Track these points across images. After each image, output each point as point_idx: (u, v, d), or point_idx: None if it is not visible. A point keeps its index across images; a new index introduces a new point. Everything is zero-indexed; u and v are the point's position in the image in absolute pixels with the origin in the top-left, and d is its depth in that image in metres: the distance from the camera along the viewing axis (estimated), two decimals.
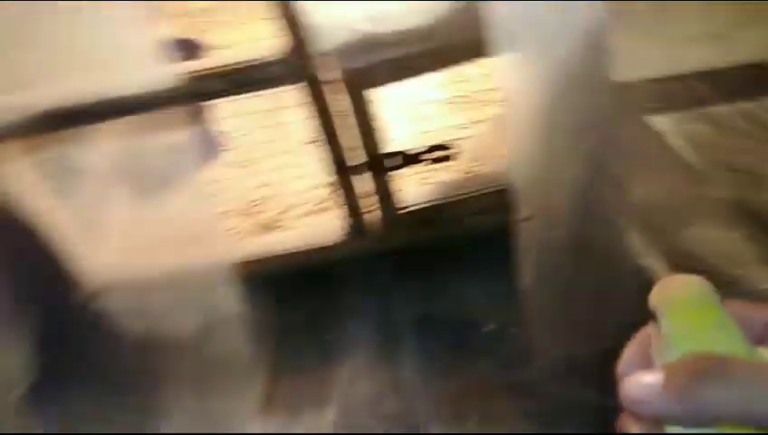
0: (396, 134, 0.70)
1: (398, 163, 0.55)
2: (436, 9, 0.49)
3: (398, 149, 0.56)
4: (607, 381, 0.23)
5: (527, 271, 0.48)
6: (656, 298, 0.22)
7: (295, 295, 0.70)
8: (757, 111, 0.78)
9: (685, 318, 0.21)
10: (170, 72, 0.48)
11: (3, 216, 0.53)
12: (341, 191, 0.58)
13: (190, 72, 0.49)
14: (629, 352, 0.22)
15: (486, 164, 0.67)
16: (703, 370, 0.19)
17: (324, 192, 0.70)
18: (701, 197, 0.66)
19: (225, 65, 0.50)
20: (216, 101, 0.56)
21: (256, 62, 0.48)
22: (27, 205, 0.56)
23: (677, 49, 0.97)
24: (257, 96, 0.58)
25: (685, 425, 0.20)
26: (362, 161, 0.55)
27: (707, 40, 0.95)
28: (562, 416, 0.55)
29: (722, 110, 0.82)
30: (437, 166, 0.62)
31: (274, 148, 0.78)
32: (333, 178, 0.57)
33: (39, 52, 0.49)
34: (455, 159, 0.62)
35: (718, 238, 0.65)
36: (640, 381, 0.20)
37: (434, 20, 0.48)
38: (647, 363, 0.21)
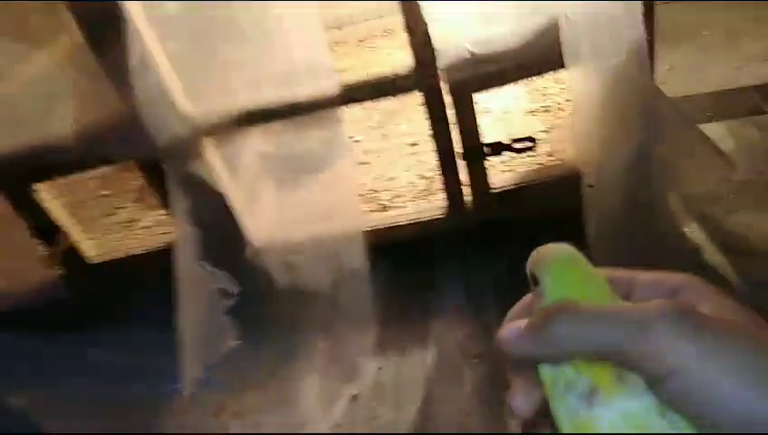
0: (488, 131, 0.86)
1: (490, 152, 0.72)
2: (523, 32, 0.65)
3: (491, 141, 0.73)
4: None
5: (591, 229, 0.64)
6: (532, 263, 0.23)
7: (404, 260, 0.87)
8: None
9: (556, 276, 0.23)
10: (327, 86, 0.67)
11: (202, 189, 0.74)
12: (446, 176, 0.75)
13: (341, 85, 0.68)
14: (513, 312, 0.23)
15: (561, 156, 0.82)
16: (556, 310, 0.21)
17: (427, 181, 0.88)
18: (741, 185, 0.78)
19: (364, 80, 0.69)
20: (350, 106, 0.75)
21: (388, 77, 0.67)
22: (216, 183, 0.77)
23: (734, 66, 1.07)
24: (382, 102, 0.76)
25: (545, 362, 0.21)
26: (462, 151, 0.72)
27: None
28: None
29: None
30: (522, 156, 0.78)
31: (391, 145, 0.97)
32: (439, 165, 0.74)
33: (236, 69, 0.69)
34: (535, 151, 0.78)
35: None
36: (510, 327, 0.22)
37: (520, 40, 0.65)
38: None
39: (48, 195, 0.77)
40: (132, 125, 0.66)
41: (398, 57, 0.95)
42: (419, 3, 0.62)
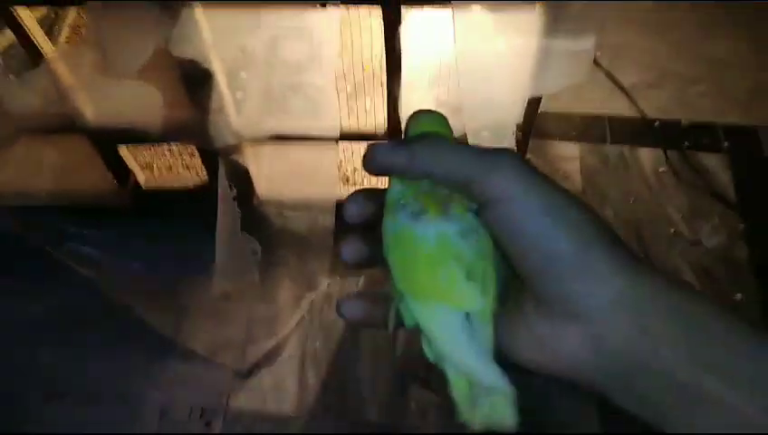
0: None
1: None
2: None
3: None
4: None
5: None
6: (407, 121, 0.30)
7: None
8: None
9: (422, 127, 0.28)
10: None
11: (235, 167, 1.12)
12: None
13: None
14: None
15: None
16: (424, 136, 0.26)
17: None
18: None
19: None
20: None
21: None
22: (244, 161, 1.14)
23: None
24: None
25: (402, 174, 0.26)
26: None
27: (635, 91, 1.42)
28: None
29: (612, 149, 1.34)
30: None
31: None
32: None
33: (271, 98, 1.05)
34: None
35: None
36: (381, 143, 0.26)
37: None
38: None
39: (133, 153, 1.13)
40: (200, 126, 1.02)
41: None
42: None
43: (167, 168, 1.28)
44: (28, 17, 0.87)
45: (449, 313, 0.25)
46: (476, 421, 0.25)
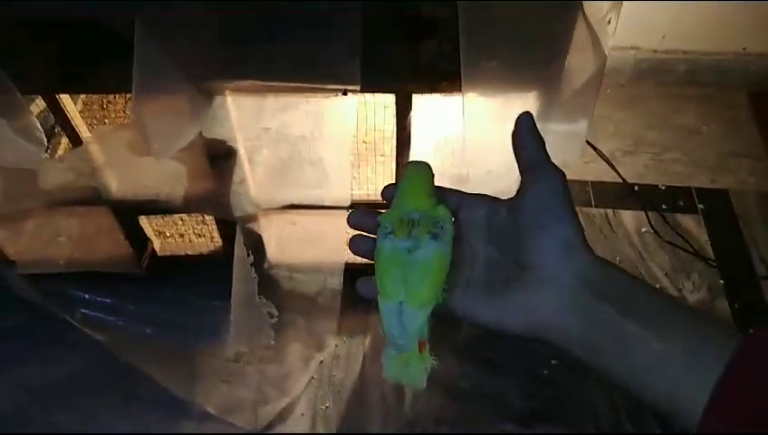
0: None
1: None
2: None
3: None
4: None
5: None
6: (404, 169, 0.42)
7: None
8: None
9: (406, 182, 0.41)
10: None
11: (251, 235, 1.19)
12: None
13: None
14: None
15: None
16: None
17: None
18: None
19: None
20: None
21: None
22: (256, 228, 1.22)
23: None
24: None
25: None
26: None
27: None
28: None
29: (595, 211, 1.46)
30: None
31: None
32: None
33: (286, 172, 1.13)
34: None
35: None
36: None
37: None
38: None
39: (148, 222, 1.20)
40: (221, 197, 1.10)
41: None
42: None
43: (179, 235, 1.35)
44: (69, 104, 0.95)
45: (386, 302, 0.38)
46: (392, 375, 0.38)
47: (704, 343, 0.31)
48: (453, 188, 0.42)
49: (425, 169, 0.42)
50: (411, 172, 0.42)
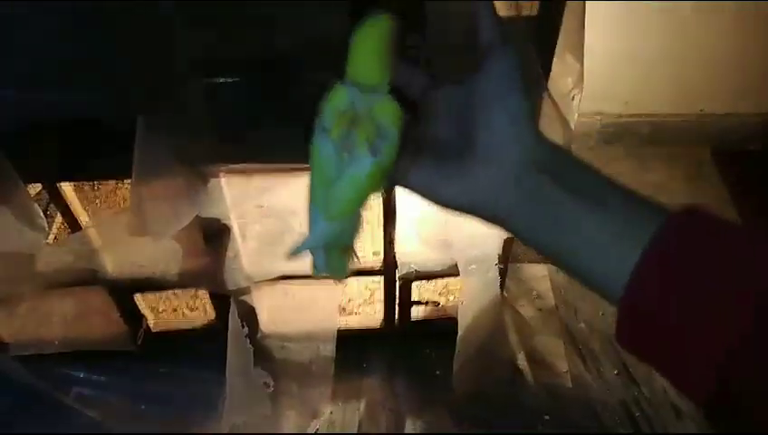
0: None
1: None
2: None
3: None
4: None
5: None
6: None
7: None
8: None
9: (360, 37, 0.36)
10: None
11: (244, 306, 1.22)
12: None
13: None
14: None
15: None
16: None
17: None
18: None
19: None
20: None
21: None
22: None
23: None
24: None
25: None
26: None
27: None
28: None
29: None
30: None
31: None
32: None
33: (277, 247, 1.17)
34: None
35: None
36: None
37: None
38: None
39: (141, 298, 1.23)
40: (215, 272, 1.13)
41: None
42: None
43: (173, 310, 1.37)
44: (68, 190, 0.99)
45: (310, 203, 0.38)
46: (318, 270, 0.38)
47: (636, 221, 0.32)
48: (411, 65, 0.41)
49: (382, 26, 0.36)
50: (366, 31, 0.36)
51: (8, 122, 0.78)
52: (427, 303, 1.26)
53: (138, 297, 1.24)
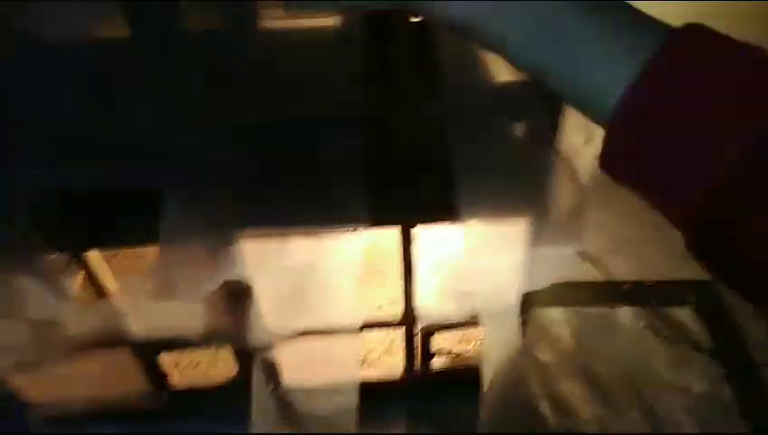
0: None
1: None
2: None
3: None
4: None
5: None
6: None
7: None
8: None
9: None
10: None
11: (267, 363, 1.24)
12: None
13: None
14: None
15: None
16: None
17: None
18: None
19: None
20: None
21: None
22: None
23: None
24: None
25: None
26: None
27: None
28: None
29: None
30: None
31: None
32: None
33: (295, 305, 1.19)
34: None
35: None
36: None
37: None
38: None
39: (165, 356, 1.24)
40: (238, 330, 1.15)
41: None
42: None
43: (194, 367, 1.38)
44: (96, 258, 1.02)
45: None
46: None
47: (638, 37, 0.29)
48: None
49: None
50: None
51: (38, 196, 0.81)
52: (447, 353, 1.27)
53: (162, 356, 1.25)
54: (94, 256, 1.01)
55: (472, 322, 1.17)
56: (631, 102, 0.28)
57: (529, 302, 1.15)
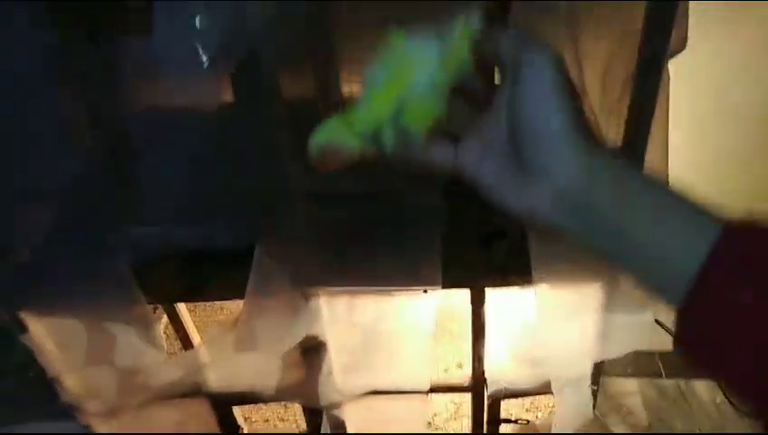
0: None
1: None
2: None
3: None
4: None
5: None
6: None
7: None
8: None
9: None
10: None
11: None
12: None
13: None
14: None
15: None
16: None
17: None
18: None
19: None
20: None
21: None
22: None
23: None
24: None
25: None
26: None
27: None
28: None
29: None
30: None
31: None
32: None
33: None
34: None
35: None
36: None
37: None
38: None
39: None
40: (310, 387, 1.18)
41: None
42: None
43: (264, 420, 1.41)
44: (185, 311, 1.09)
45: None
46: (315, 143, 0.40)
47: (694, 229, 0.32)
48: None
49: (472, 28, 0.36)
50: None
51: (151, 254, 0.88)
52: (516, 421, 1.26)
53: (235, 409, 1.29)
54: (182, 308, 1.07)
55: (542, 389, 1.16)
56: (704, 288, 0.31)
57: (602, 371, 1.14)
